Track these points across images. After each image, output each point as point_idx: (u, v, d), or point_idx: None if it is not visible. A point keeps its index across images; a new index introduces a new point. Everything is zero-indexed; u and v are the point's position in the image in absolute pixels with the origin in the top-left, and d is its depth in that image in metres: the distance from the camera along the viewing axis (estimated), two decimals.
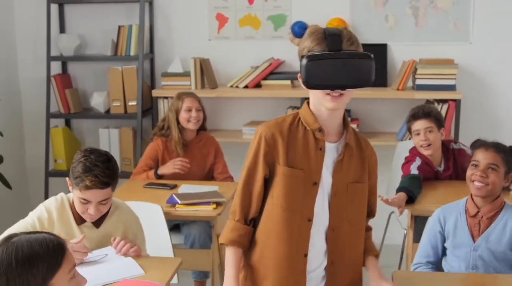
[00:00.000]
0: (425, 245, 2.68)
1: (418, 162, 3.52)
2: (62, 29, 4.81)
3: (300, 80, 1.94)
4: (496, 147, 2.57)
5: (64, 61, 4.84)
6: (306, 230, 2.00)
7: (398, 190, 3.30)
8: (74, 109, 4.70)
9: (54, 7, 4.73)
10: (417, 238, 3.06)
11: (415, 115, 3.53)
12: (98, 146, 4.66)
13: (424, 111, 3.51)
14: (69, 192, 2.55)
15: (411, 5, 4.50)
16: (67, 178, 2.49)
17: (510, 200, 2.84)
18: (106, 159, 2.44)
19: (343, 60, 1.86)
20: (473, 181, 2.58)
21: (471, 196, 2.62)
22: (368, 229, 2.17)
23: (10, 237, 1.68)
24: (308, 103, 2.03)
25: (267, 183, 2.04)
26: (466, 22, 4.46)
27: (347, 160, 2.02)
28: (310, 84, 1.89)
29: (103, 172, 2.40)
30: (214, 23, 4.68)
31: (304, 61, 1.87)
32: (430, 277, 2.47)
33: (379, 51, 4.51)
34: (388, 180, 4.15)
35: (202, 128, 3.91)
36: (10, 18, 4.81)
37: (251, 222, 2.07)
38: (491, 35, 4.45)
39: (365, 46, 4.37)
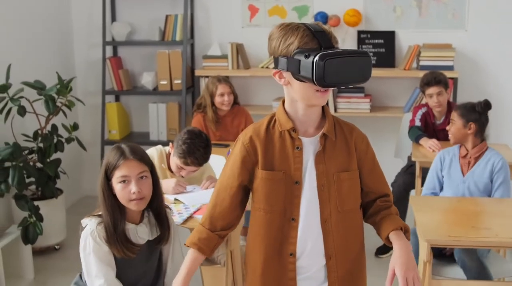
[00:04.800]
0: (431, 178, 3.51)
1: (424, 110, 4.49)
2: (113, 18, 5.56)
3: (282, 79, 1.93)
4: (456, 107, 3.55)
5: (115, 46, 5.60)
6: (290, 230, 1.97)
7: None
8: (126, 87, 5.46)
9: None
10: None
11: (429, 83, 4.39)
12: (148, 119, 5.45)
13: (436, 80, 4.36)
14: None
15: None
16: (170, 143, 3.28)
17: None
18: (206, 144, 3.21)
19: (351, 59, 1.83)
20: None
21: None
22: (386, 207, 2.04)
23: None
24: (283, 103, 2.00)
25: (247, 189, 2.04)
26: (462, 12, 5.23)
27: (330, 150, 1.97)
28: (325, 83, 1.80)
29: (202, 155, 3.20)
30: (246, 13, 5.45)
31: (319, 59, 1.77)
32: (437, 200, 3.33)
33: (388, 37, 5.28)
34: (396, 145, 4.95)
35: (235, 103, 4.67)
36: (67, 8, 5.56)
37: (220, 231, 2.04)
38: (484, 24, 5.21)
39: (376, 33, 5.25)
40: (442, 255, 3.26)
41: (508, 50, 5.21)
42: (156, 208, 2.43)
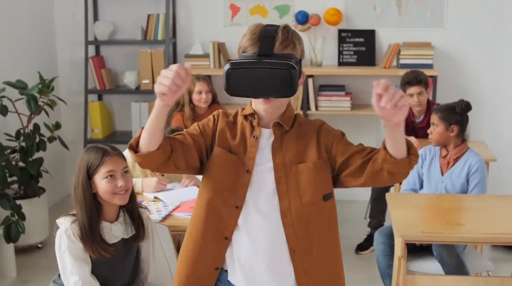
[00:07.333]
0: (411, 175, 3.54)
1: None
2: (96, 17, 5.58)
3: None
4: (436, 110, 3.57)
5: (98, 45, 5.62)
6: (231, 216, 1.92)
7: None
8: (109, 86, 5.49)
9: None
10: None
11: (410, 83, 4.39)
12: (130, 117, 5.47)
13: (417, 80, 4.38)
14: None
15: None
16: None
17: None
18: None
19: (261, 70, 1.79)
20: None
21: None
22: (375, 151, 2.00)
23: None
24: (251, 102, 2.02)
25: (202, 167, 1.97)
26: (441, 11, 5.30)
27: (287, 142, 1.95)
28: (231, 92, 1.83)
29: None
30: (228, 12, 5.48)
31: (226, 67, 1.81)
32: (414, 196, 3.41)
33: (369, 35, 5.35)
34: (376, 143, 5.02)
35: (214, 102, 4.71)
36: (50, 7, 5.56)
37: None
38: (462, 22, 5.29)
39: (357, 31, 5.30)
40: (421, 250, 3.31)
41: (486, 49, 5.29)
42: (130, 206, 2.48)
